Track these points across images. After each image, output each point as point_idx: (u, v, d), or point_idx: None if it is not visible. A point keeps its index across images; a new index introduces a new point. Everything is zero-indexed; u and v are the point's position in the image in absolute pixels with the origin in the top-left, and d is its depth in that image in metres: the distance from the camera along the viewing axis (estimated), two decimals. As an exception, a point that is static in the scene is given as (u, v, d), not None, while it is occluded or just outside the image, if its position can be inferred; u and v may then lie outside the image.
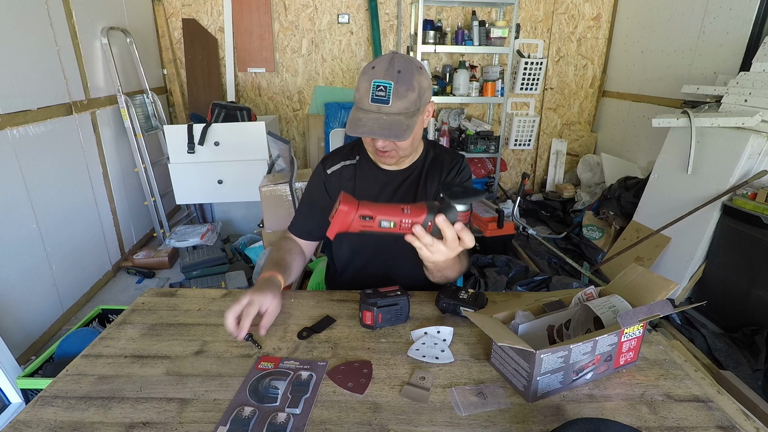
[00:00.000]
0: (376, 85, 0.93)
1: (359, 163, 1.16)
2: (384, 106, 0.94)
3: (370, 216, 0.75)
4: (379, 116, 0.94)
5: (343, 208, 0.75)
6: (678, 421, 0.71)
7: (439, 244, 0.78)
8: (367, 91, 0.94)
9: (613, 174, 3.56)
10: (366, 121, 0.94)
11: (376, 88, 0.93)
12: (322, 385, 0.78)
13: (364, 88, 0.95)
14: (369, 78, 0.95)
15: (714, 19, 2.78)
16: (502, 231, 2.80)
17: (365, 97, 0.95)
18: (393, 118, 0.94)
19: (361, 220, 0.76)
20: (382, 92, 0.93)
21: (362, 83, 0.96)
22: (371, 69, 0.96)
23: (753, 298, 2.05)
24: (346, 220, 0.75)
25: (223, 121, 2.92)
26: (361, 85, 0.96)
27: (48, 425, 0.70)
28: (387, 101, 0.93)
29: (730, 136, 2.19)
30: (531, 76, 3.70)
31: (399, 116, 0.95)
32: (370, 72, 0.95)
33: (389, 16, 3.67)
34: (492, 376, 0.81)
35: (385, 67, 0.94)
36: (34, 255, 2.11)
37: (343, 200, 0.76)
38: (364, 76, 0.96)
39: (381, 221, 0.75)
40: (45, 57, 2.24)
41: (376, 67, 0.95)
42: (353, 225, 0.76)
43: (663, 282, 0.84)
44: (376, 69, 0.95)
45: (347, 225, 0.76)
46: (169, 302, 1.05)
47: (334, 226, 0.76)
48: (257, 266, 2.49)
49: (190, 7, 3.51)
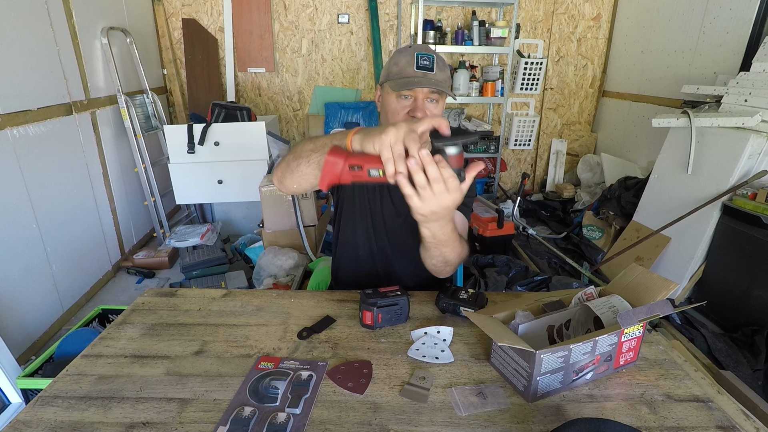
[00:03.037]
0: (420, 55, 1.01)
1: None
2: (429, 73, 1.01)
3: (358, 165, 0.73)
4: (427, 79, 1.00)
5: (330, 158, 0.74)
6: (678, 421, 0.71)
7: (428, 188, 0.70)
8: (410, 62, 1.01)
9: (613, 174, 3.56)
10: (418, 80, 1.00)
11: (421, 58, 1.01)
12: (322, 385, 0.78)
13: (405, 60, 1.02)
14: (411, 52, 1.02)
15: (714, 19, 2.78)
16: (502, 231, 2.80)
17: (408, 67, 1.01)
18: (439, 82, 1.01)
19: (350, 171, 0.74)
20: (427, 61, 1.01)
21: (402, 57, 1.03)
22: (408, 48, 1.04)
23: (753, 298, 2.05)
24: (335, 171, 0.74)
25: (223, 121, 2.92)
26: (401, 59, 1.03)
27: (48, 425, 0.70)
28: (432, 69, 1.01)
29: (730, 136, 2.19)
30: (531, 76, 3.70)
31: (443, 82, 1.03)
32: (408, 49, 1.03)
33: (389, 16, 3.67)
34: (492, 376, 0.81)
35: (423, 46, 1.05)
36: (34, 255, 2.11)
37: (330, 151, 0.75)
38: (402, 53, 1.04)
39: (369, 170, 0.73)
40: (45, 57, 2.24)
41: (413, 46, 1.04)
42: (343, 176, 0.74)
43: (663, 282, 0.83)
44: (413, 47, 1.04)
45: (337, 176, 0.74)
46: (169, 302, 1.05)
47: (324, 177, 0.75)
48: (257, 266, 2.49)
49: (190, 7, 3.51)
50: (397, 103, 1.02)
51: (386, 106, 1.05)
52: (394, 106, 1.03)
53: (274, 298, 1.07)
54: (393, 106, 1.03)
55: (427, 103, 1.02)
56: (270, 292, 1.11)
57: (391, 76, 1.03)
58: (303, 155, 0.85)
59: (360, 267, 1.21)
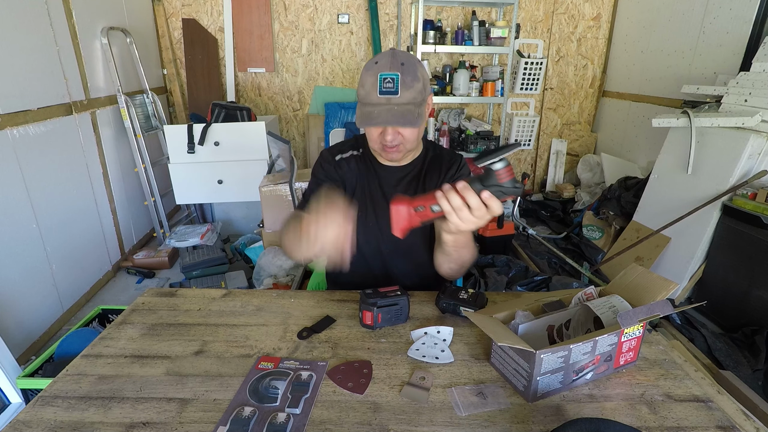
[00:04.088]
0: (383, 77, 0.94)
1: (363, 156, 1.16)
2: (393, 97, 0.95)
3: (422, 206, 0.79)
4: (390, 107, 0.95)
5: (395, 207, 0.80)
6: (678, 421, 0.71)
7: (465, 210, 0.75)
8: (374, 85, 0.95)
9: (613, 174, 3.56)
10: (378, 113, 0.95)
11: (384, 81, 0.94)
12: (322, 385, 0.78)
13: (370, 83, 0.96)
14: (374, 72, 0.96)
15: (714, 19, 2.78)
16: (502, 231, 2.80)
17: (372, 92, 0.96)
18: (403, 107, 0.95)
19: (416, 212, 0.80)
20: (390, 84, 0.94)
21: (367, 78, 0.97)
22: (374, 64, 0.97)
23: (753, 298, 2.05)
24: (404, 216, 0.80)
25: (223, 121, 2.92)
26: (366, 81, 0.97)
27: (48, 425, 0.70)
28: (396, 92, 0.95)
29: (730, 136, 2.19)
30: (531, 76, 3.70)
31: (409, 105, 0.96)
32: (374, 67, 0.96)
33: (389, 16, 3.67)
34: (492, 376, 0.81)
35: (389, 60, 0.96)
36: (34, 255, 2.11)
37: (394, 202, 0.81)
38: (368, 72, 0.97)
39: (432, 207, 0.78)
40: (45, 57, 2.24)
41: (379, 62, 0.96)
42: (412, 219, 0.80)
43: (663, 282, 0.84)
44: (379, 64, 0.96)
45: (408, 220, 0.81)
46: (169, 302, 1.05)
47: (396, 225, 0.81)
48: (257, 266, 2.49)
49: (190, 7, 3.50)
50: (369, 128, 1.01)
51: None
52: (368, 129, 1.02)
53: (274, 298, 1.07)
54: (367, 129, 1.02)
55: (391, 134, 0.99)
56: (270, 292, 1.11)
57: (360, 98, 1.01)
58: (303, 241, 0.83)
59: (360, 267, 1.21)
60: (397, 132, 1.00)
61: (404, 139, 1.01)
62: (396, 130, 0.99)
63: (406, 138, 1.01)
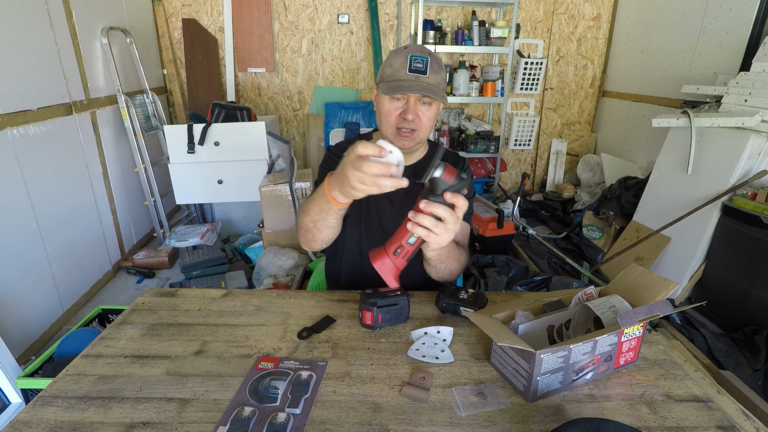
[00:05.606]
0: (414, 58, 1.00)
1: None
2: (422, 77, 1.00)
3: (399, 246, 0.83)
4: (419, 83, 0.99)
5: (377, 263, 0.84)
6: (678, 421, 0.71)
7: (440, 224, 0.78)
8: (404, 64, 1.00)
9: (613, 174, 3.56)
10: (408, 85, 0.99)
11: (414, 61, 1.00)
12: (322, 385, 0.78)
13: (399, 63, 1.01)
14: (405, 53, 1.01)
15: (714, 19, 2.78)
16: (502, 231, 2.80)
17: (401, 69, 1.00)
18: (431, 86, 1.01)
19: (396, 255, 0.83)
20: (420, 64, 1.00)
21: (396, 59, 1.02)
22: (404, 49, 1.03)
23: (753, 298, 2.05)
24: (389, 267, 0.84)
25: (223, 121, 2.92)
26: (395, 61, 1.02)
27: (48, 425, 0.70)
28: (425, 72, 1.00)
29: (730, 136, 2.19)
30: (531, 76, 3.70)
31: (435, 87, 1.01)
32: (404, 51, 1.02)
33: (389, 16, 3.67)
34: (492, 376, 0.81)
35: (419, 48, 1.02)
36: (34, 255, 2.11)
37: (372, 257, 0.85)
38: (396, 54, 1.03)
39: (407, 242, 0.82)
40: (45, 57, 2.24)
41: (409, 47, 1.03)
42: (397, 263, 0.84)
43: (663, 282, 0.83)
44: (409, 48, 1.02)
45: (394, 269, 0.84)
46: (169, 302, 1.05)
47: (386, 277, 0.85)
48: (257, 266, 2.49)
49: (190, 7, 3.51)
50: (390, 104, 1.03)
51: (380, 107, 1.06)
52: (387, 107, 1.04)
53: (274, 298, 1.07)
54: (386, 107, 1.04)
55: (420, 105, 1.02)
56: (270, 292, 1.11)
57: (385, 77, 1.04)
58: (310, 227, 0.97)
59: (360, 268, 1.21)
60: (417, 114, 1.02)
61: (421, 125, 1.04)
62: (416, 112, 1.02)
63: (423, 124, 1.04)
